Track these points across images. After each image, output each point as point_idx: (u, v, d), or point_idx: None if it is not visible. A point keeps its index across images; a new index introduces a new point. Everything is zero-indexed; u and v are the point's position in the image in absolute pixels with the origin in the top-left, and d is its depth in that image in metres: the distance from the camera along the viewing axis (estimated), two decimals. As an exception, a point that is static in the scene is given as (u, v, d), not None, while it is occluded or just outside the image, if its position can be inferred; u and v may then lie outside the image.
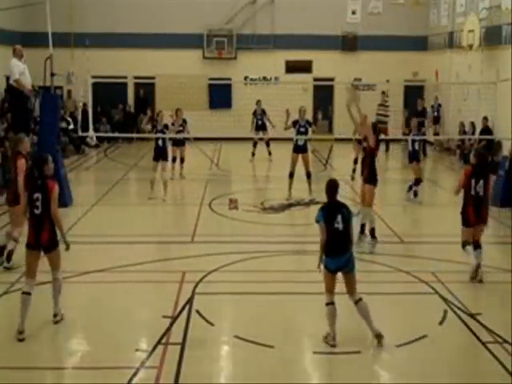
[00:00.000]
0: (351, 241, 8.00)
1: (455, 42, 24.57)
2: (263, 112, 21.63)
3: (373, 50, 27.07)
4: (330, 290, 7.84)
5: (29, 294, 8.10)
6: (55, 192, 8.18)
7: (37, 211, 8.13)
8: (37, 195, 8.14)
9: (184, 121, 18.19)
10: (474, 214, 9.95)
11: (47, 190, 8.15)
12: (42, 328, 8.34)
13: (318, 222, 7.88)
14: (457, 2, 24.64)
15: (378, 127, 12.43)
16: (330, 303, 7.82)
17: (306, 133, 15.96)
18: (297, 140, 15.84)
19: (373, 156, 11.78)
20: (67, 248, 8.46)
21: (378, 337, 7.74)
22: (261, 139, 21.67)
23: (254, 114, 21.64)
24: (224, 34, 27.03)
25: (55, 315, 8.43)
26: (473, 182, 9.90)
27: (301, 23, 26.87)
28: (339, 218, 7.81)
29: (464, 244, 10.08)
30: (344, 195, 16.55)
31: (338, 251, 7.82)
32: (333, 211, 7.87)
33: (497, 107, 18.60)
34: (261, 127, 21.60)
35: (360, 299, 7.88)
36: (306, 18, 26.84)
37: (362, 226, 11.81)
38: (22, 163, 10.14)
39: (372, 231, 11.69)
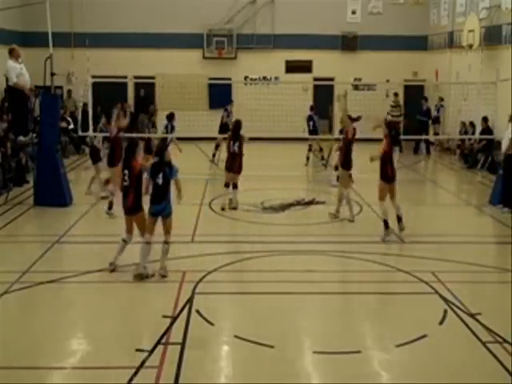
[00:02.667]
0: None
1: (455, 41, 24.57)
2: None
3: (373, 50, 27.09)
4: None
5: (125, 241, 10.24)
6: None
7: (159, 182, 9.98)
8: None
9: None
10: (392, 173, 12.23)
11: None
12: (42, 328, 8.34)
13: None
14: (457, 2, 24.64)
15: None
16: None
17: None
18: None
19: (349, 145, 13.70)
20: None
21: None
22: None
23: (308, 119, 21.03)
24: (224, 34, 27.04)
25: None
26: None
27: (301, 23, 26.88)
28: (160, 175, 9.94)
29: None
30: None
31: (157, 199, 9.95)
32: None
33: (497, 107, 18.61)
34: (312, 132, 21.12)
35: None
36: (306, 18, 26.86)
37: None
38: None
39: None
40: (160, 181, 9.96)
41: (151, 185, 9.99)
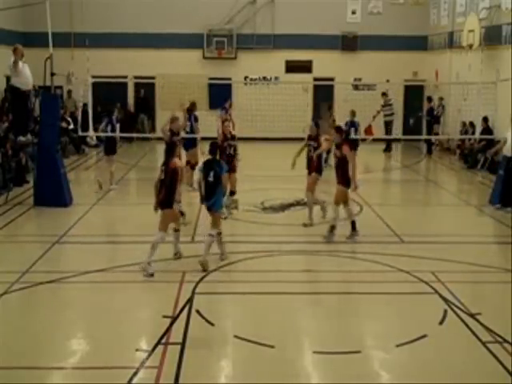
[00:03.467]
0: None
1: (455, 41, 24.58)
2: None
3: (373, 50, 27.09)
4: None
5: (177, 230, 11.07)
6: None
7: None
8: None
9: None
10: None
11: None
12: (42, 328, 8.34)
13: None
14: (457, 2, 24.64)
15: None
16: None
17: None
18: None
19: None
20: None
21: None
22: None
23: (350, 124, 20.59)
24: (224, 34, 27.04)
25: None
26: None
27: (301, 23, 26.89)
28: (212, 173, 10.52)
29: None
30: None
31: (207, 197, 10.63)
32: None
33: (497, 107, 18.61)
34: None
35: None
36: (306, 18, 26.86)
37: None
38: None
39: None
40: (211, 178, 10.55)
41: (203, 183, 10.62)
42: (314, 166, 13.53)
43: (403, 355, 7.69)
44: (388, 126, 24.93)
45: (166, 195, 10.46)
